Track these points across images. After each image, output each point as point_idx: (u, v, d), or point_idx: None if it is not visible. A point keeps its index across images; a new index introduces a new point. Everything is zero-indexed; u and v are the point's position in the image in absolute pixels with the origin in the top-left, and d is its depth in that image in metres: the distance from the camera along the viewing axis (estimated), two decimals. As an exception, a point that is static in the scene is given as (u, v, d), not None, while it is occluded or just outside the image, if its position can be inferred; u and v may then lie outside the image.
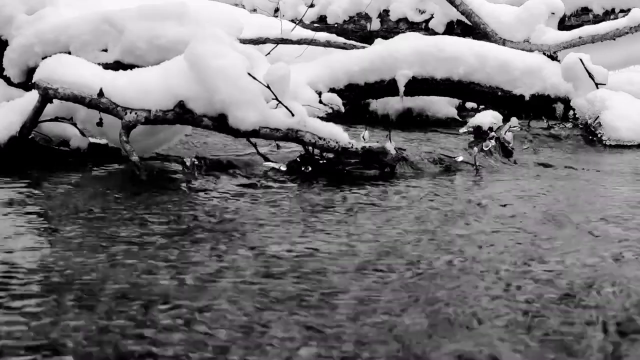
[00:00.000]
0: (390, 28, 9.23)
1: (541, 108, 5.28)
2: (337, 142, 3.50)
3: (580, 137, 4.72)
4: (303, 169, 3.52)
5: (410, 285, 2.00)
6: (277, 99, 3.50)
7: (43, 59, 3.91)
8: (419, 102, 5.67)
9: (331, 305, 1.85)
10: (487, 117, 4.43)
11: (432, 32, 8.33)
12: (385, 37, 6.74)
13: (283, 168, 3.54)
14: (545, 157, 4.06)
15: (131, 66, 3.98)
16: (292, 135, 3.49)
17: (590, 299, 1.90)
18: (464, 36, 6.42)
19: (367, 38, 8.18)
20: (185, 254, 2.25)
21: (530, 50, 5.68)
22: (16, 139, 3.66)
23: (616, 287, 1.98)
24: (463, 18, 6.30)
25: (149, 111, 3.43)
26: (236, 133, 3.47)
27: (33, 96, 3.67)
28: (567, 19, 7.66)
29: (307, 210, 2.82)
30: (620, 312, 1.81)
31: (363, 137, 3.70)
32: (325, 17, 10.03)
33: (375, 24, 9.59)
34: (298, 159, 3.58)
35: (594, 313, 1.80)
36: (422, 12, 9.24)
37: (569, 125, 5.07)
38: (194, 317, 1.76)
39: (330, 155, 3.54)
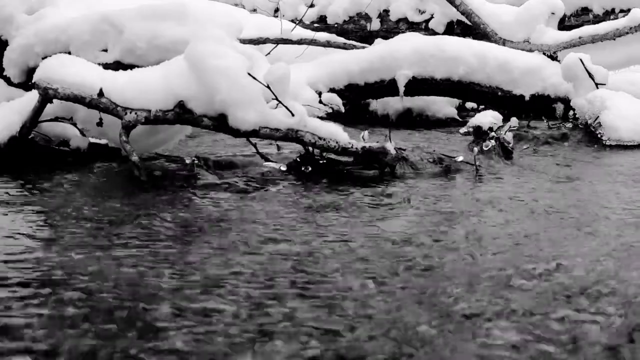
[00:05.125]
0: (390, 28, 9.23)
1: (541, 108, 5.28)
2: (337, 142, 3.50)
3: (580, 137, 4.72)
4: (303, 169, 3.52)
5: (410, 285, 2.00)
6: (277, 99, 3.50)
7: (43, 59, 3.91)
8: (418, 102, 5.67)
9: (331, 305, 1.85)
10: (487, 117, 4.43)
11: (432, 32, 8.33)
12: (385, 37, 6.74)
13: (283, 168, 3.54)
14: (545, 157, 4.06)
15: (131, 66, 3.98)
16: (292, 135, 3.49)
17: (591, 298, 1.90)
18: (464, 36, 6.42)
19: (367, 38, 8.18)
20: (185, 254, 2.25)
21: (530, 50, 5.69)
22: (16, 139, 3.66)
23: (616, 286, 1.98)
24: (463, 18, 6.30)
25: (149, 111, 3.43)
26: (236, 133, 3.47)
27: (33, 96, 3.67)
28: (567, 19, 7.66)
29: (307, 210, 2.82)
30: (620, 312, 1.81)
31: (363, 137, 3.70)
32: (325, 17, 10.03)
33: (375, 24, 9.58)
34: (298, 159, 3.58)
35: (594, 313, 1.80)
36: (422, 12, 9.24)
37: (569, 125, 5.07)
38: (194, 316, 1.76)
39: (330, 155, 3.54)
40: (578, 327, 1.73)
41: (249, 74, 3.41)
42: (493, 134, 4.15)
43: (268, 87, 3.46)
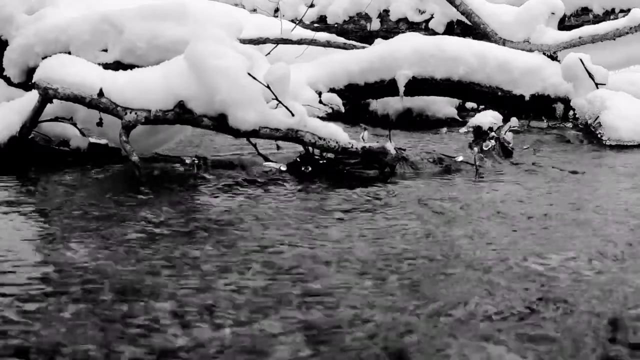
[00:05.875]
0: (390, 28, 9.23)
1: (541, 108, 5.28)
2: (337, 142, 3.50)
3: (580, 137, 4.72)
4: (303, 169, 3.52)
5: (409, 285, 2.00)
6: (277, 99, 3.50)
7: (43, 59, 3.91)
8: (419, 102, 5.66)
9: (331, 304, 1.85)
10: (487, 117, 4.42)
11: (432, 32, 8.34)
12: (385, 37, 6.74)
13: (283, 168, 3.54)
14: (545, 157, 4.06)
15: (131, 66, 3.98)
16: (292, 135, 3.49)
17: (590, 298, 1.90)
18: (464, 36, 6.41)
19: (367, 38, 8.19)
20: (185, 254, 2.25)
21: (530, 50, 5.68)
22: (16, 139, 3.66)
23: (615, 286, 1.98)
24: (463, 18, 6.30)
25: (149, 111, 3.43)
26: (236, 133, 3.47)
27: (33, 96, 3.67)
28: (567, 19, 7.66)
29: (307, 210, 2.82)
30: (618, 312, 1.81)
31: (363, 137, 3.70)
32: (325, 17, 10.04)
33: (375, 24, 9.59)
34: (298, 159, 3.58)
35: (593, 313, 1.80)
36: (422, 12, 9.25)
37: (569, 125, 5.07)
38: (194, 316, 1.76)
39: (330, 155, 3.54)
40: (577, 327, 1.73)
41: (249, 74, 3.41)
42: (493, 134, 4.15)
43: (268, 87, 3.46)
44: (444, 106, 5.73)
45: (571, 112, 5.07)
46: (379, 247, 2.34)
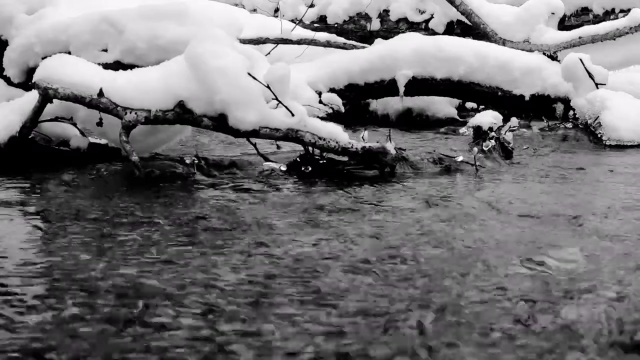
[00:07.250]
0: (390, 28, 9.24)
1: (541, 108, 5.29)
2: (337, 142, 3.50)
3: (580, 137, 4.72)
4: (303, 169, 3.52)
5: (409, 285, 2.00)
6: (277, 99, 3.50)
7: (43, 59, 3.91)
8: (419, 102, 5.67)
9: (331, 305, 1.85)
10: (487, 117, 4.43)
11: (432, 32, 8.34)
12: (385, 37, 6.75)
13: (283, 168, 3.54)
14: (545, 157, 4.06)
15: (131, 66, 3.98)
16: (292, 135, 3.49)
17: (589, 298, 1.90)
18: (464, 36, 6.42)
19: (367, 38, 8.19)
20: (185, 254, 2.25)
21: (530, 50, 5.69)
22: (16, 139, 3.66)
23: (614, 286, 1.98)
24: (463, 18, 6.30)
25: (149, 111, 3.43)
26: (236, 133, 3.47)
27: (33, 96, 3.67)
28: (567, 19, 7.66)
29: (307, 210, 2.82)
30: (617, 312, 1.81)
31: (363, 137, 3.70)
32: (325, 17, 10.04)
33: (375, 24, 9.59)
34: (298, 159, 3.58)
35: (592, 313, 1.80)
36: (422, 12, 9.25)
37: (569, 125, 5.07)
38: (194, 317, 1.76)
39: (330, 155, 3.54)
40: (576, 327, 1.73)
41: (249, 74, 3.41)
42: (493, 134, 4.15)
43: (268, 87, 3.46)
44: (444, 106, 5.73)
45: (571, 112, 5.07)
46: (379, 246, 2.34)
